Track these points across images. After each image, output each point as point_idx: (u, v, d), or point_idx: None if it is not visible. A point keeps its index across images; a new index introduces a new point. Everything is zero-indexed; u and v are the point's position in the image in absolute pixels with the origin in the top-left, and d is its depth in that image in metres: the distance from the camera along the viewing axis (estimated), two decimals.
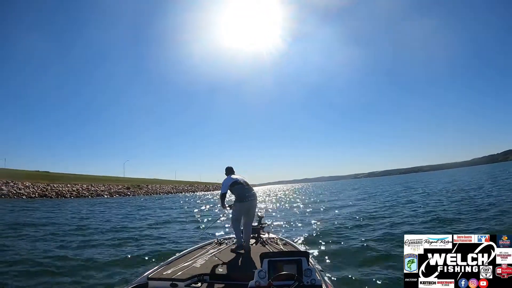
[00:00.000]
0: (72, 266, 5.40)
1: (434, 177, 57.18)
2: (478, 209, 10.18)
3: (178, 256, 3.83)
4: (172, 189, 68.53)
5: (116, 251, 6.65)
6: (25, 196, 34.60)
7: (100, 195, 44.02)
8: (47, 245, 7.32)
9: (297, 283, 2.23)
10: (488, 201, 11.82)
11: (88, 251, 6.67)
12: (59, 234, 9.04)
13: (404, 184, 38.87)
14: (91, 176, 62.98)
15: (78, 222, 12.39)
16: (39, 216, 14.47)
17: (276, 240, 4.69)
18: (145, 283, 2.99)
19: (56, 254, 6.25)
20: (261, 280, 2.28)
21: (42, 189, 39.12)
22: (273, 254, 2.54)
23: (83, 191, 43.82)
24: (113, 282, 4.56)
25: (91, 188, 47.36)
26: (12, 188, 35.68)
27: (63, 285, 4.51)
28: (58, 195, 38.35)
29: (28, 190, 37.12)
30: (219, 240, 4.69)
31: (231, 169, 4.72)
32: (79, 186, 46.12)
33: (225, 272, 3.26)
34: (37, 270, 5.15)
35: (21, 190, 36.05)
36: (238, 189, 4.37)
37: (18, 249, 6.74)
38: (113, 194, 46.85)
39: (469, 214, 9.46)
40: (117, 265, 5.47)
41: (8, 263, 5.56)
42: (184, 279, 2.99)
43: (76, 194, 41.36)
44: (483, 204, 11.13)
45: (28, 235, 8.69)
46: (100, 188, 48.71)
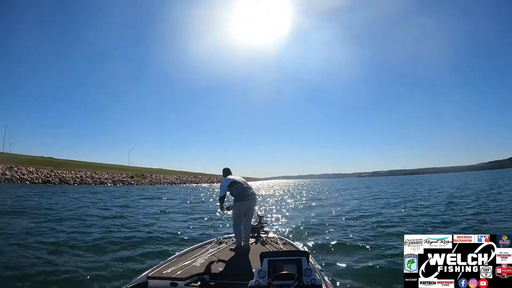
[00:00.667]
0: (71, 264, 5.20)
1: (444, 179, 56.65)
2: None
3: (178, 255, 3.80)
4: (176, 179, 68.51)
5: (116, 250, 6.38)
6: (28, 182, 34.62)
7: (103, 183, 44.09)
8: (42, 239, 6.97)
9: (297, 283, 2.21)
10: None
11: (86, 247, 6.39)
12: (56, 228, 8.47)
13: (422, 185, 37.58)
14: (96, 164, 63.06)
15: (77, 212, 11.93)
16: (36, 205, 14.01)
17: (276, 239, 4.67)
18: (145, 282, 2.97)
19: (51, 250, 6.03)
20: (261, 280, 2.26)
21: (45, 175, 39.15)
22: (273, 254, 2.54)
23: (86, 178, 43.81)
24: (113, 281, 4.48)
25: (95, 175, 47.37)
26: (15, 173, 35.68)
27: (61, 283, 4.38)
28: (61, 182, 38.38)
29: (32, 175, 37.12)
30: (219, 239, 4.65)
31: (229, 170, 4.68)
32: (83, 173, 46.12)
33: (225, 271, 3.24)
34: (33, 266, 4.94)
35: (25, 176, 36.03)
36: (237, 188, 4.33)
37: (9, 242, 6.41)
38: (116, 183, 46.88)
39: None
40: (117, 265, 5.31)
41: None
42: (184, 278, 2.98)
43: (80, 181, 41.39)
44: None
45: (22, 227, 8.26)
46: (104, 176, 48.68)
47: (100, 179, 45.90)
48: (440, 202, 14.56)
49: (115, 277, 4.63)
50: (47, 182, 36.44)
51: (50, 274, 4.65)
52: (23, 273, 4.65)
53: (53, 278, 4.50)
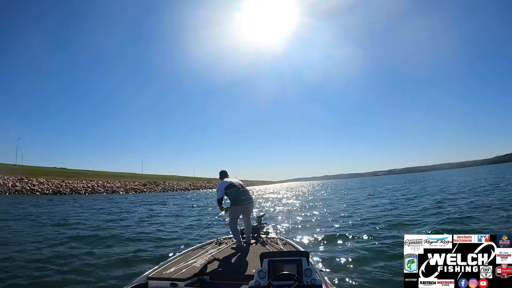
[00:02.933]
0: (70, 265, 5.29)
1: (469, 173, 54.90)
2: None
3: (178, 256, 3.75)
4: (190, 185, 66.97)
5: (114, 250, 6.47)
6: (38, 193, 33.65)
7: (115, 192, 43.01)
8: (41, 243, 7.13)
9: (297, 283, 2.18)
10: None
11: (86, 249, 6.49)
12: (58, 231, 8.84)
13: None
14: (108, 173, 62.45)
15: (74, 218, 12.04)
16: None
17: (276, 240, 4.63)
18: (145, 282, 2.94)
19: (52, 253, 6.15)
20: (261, 280, 2.23)
21: (56, 185, 38.31)
22: (273, 254, 2.51)
23: (98, 188, 42.80)
24: (113, 281, 4.48)
25: (107, 184, 46.43)
26: (26, 185, 34.74)
27: (61, 283, 4.42)
28: (72, 192, 37.41)
29: (42, 186, 36.13)
30: (219, 240, 4.61)
31: (225, 173, 4.70)
32: (95, 183, 45.22)
33: (225, 272, 3.20)
34: (33, 268, 5.04)
35: (35, 187, 35.03)
36: (232, 191, 4.33)
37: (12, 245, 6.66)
38: (128, 191, 45.72)
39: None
40: (117, 264, 5.37)
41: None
42: (184, 278, 2.94)
43: (91, 191, 40.36)
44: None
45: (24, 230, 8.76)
46: (116, 185, 47.63)
47: (112, 188, 44.80)
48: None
49: (115, 277, 4.63)
50: (58, 193, 35.46)
51: (50, 274, 4.74)
52: (22, 273, 4.76)
53: (53, 278, 4.58)
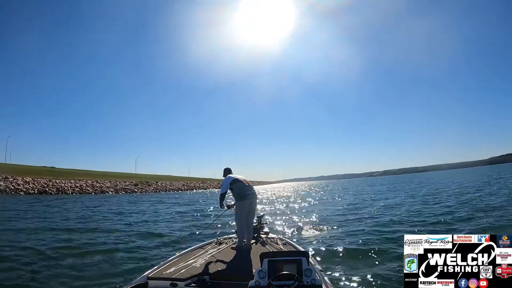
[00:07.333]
0: (69, 265, 5.27)
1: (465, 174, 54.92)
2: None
3: (178, 256, 3.77)
4: (183, 186, 65.83)
5: (115, 250, 6.48)
6: (23, 192, 32.57)
7: (104, 192, 41.88)
8: (37, 242, 7.16)
9: (297, 283, 2.17)
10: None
11: (84, 250, 6.52)
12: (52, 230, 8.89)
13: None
14: (100, 172, 61.19)
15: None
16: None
17: (276, 240, 4.65)
18: (145, 282, 2.96)
19: (50, 253, 6.13)
20: (261, 280, 2.23)
21: (42, 185, 37.12)
22: (273, 254, 2.49)
23: (86, 187, 41.71)
24: (113, 281, 4.48)
25: (96, 184, 45.30)
26: (10, 184, 33.51)
27: (61, 284, 4.41)
28: (59, 191, 36.35)
29: (28, 186, 35.04)
30: (219, 240, 4.61)
31: (230, 169, 4.75)
32: (83, 182, 44.03)
33: (225, 272, 3.22)
34: (31, 267, 5.06)
35: (20, 186, 33.87)
36: (238, 187, 4.40)
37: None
38: (118, 191, 44.69)
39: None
40: (117, 264, 5.38)
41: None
42: (184, 278, 2.97)
43: (79, 191, 39.25)
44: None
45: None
46: (106, 185, 46.55)
47: (102, 188, 43.68)
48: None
49: (115, 277, 4.63)
50: (44, 193, 34.31)
51: (50, 275, 4.73)
52: (22, 274, 4.72)
53: (53, 279, 4.55)
